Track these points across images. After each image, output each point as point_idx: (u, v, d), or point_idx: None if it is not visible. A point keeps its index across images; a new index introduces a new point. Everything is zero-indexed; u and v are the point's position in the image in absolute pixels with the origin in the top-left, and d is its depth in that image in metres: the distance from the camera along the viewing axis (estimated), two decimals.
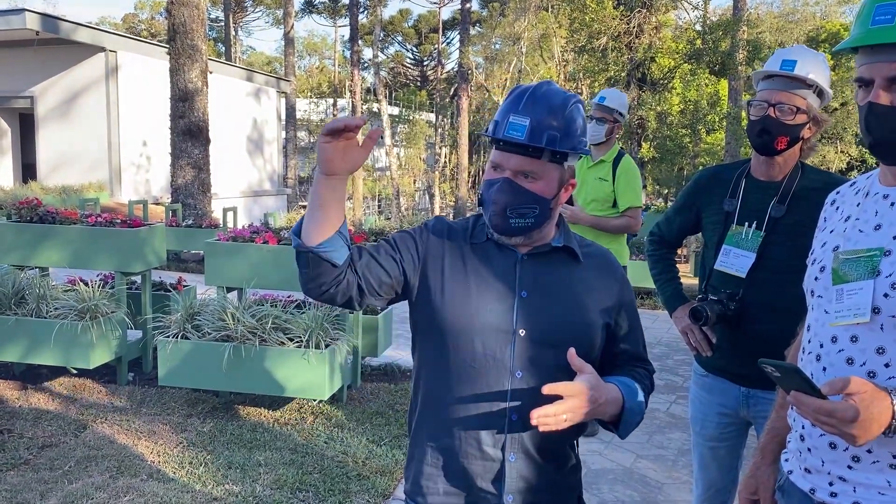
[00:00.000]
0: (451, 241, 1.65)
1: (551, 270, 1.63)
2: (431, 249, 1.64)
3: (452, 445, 1.60)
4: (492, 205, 1.57)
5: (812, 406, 1.27)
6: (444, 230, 1.67)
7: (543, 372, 1.56)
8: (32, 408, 4.70)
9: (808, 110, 2.28)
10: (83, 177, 16.48)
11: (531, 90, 1.59)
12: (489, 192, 1.58)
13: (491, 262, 1.62)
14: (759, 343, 2.28)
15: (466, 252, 1.63)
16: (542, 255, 1.64)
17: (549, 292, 1.60)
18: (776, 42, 22.04)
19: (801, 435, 1.49)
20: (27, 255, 5.26)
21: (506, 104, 1.59)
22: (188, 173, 11.91)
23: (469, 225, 1.69)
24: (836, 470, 1.42)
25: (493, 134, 1.57)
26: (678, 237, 2.76)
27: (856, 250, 1.42)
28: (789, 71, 2.24)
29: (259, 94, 23.36)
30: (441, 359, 1.60)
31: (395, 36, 49.61)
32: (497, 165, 1.58)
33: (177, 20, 11.48)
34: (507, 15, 27.86)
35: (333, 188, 1.47)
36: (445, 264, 1.62)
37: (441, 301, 1.59)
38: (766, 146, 2.31)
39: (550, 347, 1.57)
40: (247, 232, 5.02)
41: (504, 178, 1.56)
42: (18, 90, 17.24)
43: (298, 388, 4.40)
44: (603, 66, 14.82)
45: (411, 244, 1.63)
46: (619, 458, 4.28)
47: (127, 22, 48.68)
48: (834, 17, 27.79)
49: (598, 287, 1.66)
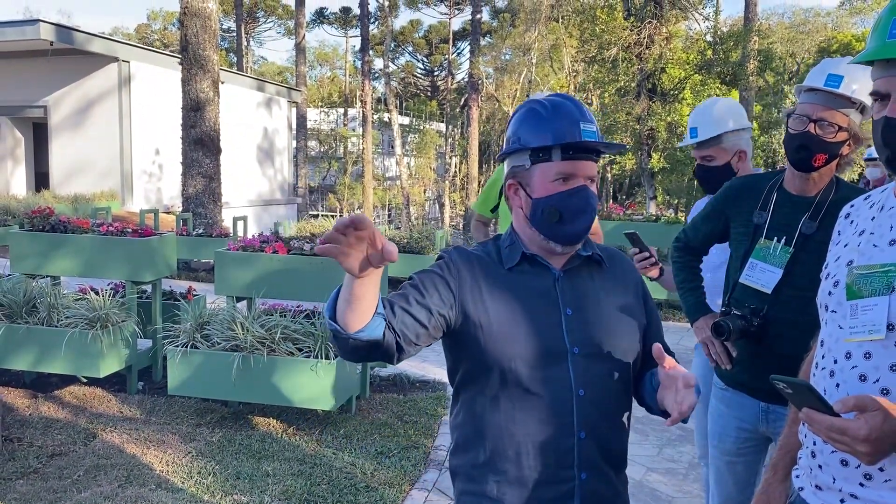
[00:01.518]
0: (482, 270, 1.61)
1: (586, 282, 1.64)
2: (466, 284, 1.59)
3: (522, 476, 1.56)
4: (580, 215, 1.57)
5: (824, 423, 1.25)
6: (471, 260, 1.62)
7: (601, 386, 1.58)
8: (42, 416, 4.71)
9: (849, 128, 2.19)
10: (95, 185, 16.60)
11: (572, 99, 1.63)
12: (573, 202, 1.56)
13: (530, 283, 1.60)
14: (781, 360, 2.23)
15: (503, 279, 1.60)
16: (575, 269, 1.64)
17: (590, 305, 1.62)
18: (787, 53, 22.00)
19: (813, 451, 1.47)
20: (39, 264, 5.29)
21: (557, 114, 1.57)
22: (199, 183, 11.97)
23: (493, 250, 1.66)
24: (848, 487, 1.40)
25: (562, 140, 1.55)
26: (704, 245, 2.67)
27: (870, 265, 1.40)
28: (835, 88, 2.16)
29: (270, 104, 23.48)
30: (498, 390, 1.56)
31: (406, 46, 49.82)
32: (569, 175, 1.57)
33: (189, 31, 11.56)
34: (518, 26, 27.93)
35: (366, 284, 1.35)
36: (485, 296, 1.58)
37: (490, 334, 1.55)
38: (804, 162, 2.23)
39: (604, 360, 1.59)
40: (257, 241, 5.02)
41: (584, 185, 1.58)
42: (32, 100, 17.41)
43: (307, 398, 4.40)
44: (613, 77, 14.82)
45: (442, 285, 1.57)
46: (629, 472, 4.24)
47: (140, 32, 49.12)
48: (845, 27, 27.72)
49: (626, 288, 1.69)
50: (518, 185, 1.63)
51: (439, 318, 1.54)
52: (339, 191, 37.00)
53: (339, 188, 37.29)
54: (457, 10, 44.29)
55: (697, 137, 2.93)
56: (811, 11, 29.18)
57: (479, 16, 30.13)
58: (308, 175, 33.36)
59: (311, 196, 35.21)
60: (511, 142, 1.63)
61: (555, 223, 1.57)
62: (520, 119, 1.64)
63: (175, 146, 12.77)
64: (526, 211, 1.61)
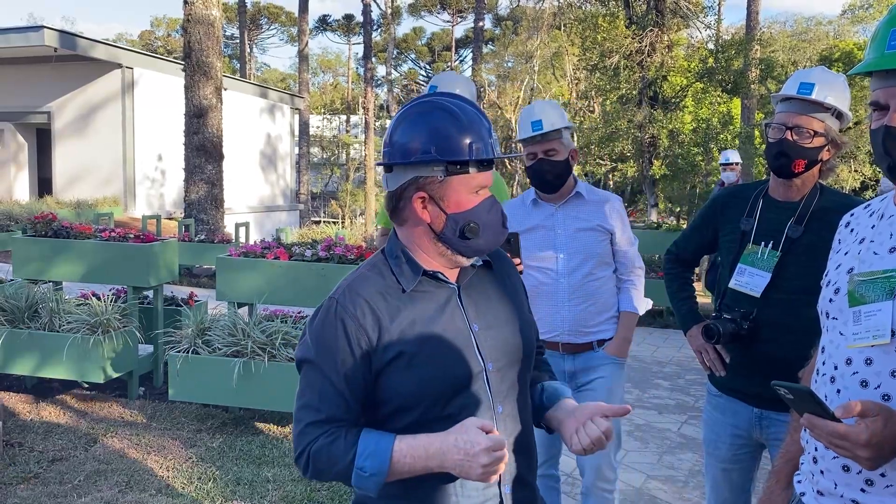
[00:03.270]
0: (381, 302, 1.48)
1: (483, 292, 1.59)
2: (367, 328, 1.45)
3: (450, 502, 1.49)
4: (497, 226, 1.53)
5: (825, 429, 1.26)
6: (360, 298, 1.48)
7: (514, 397, 1.56)
8: (43, 421, 4.72)
9: (826, 133, 2.26)
10: (98, 191, 16.65)
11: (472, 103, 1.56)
12: (492, 215, 1.51)
13: (433, 306, 1.51)
14: (773, 364, 2.26)
15: (406, 305, 1.49)
16: (471, 280, 1.58)
17: (493, 319, 1.57)
18: (789, 61, 22.04)
19: (814, 457, 1.48)
20: (42, 269, 5.30)
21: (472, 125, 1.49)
22: (201, 189, 11.99)
23: (384, 271, 1.53)
24: (849, 493, 1.40)
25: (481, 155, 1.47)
26: (695, 255, 2.76)
27: (872, 272, 1.42)
28: (807, 95, 2.23)
29: (273, 111, 23.55)
30: (419, 420, 1.47)
31: (409, 53, 49.95)
32: (482, 187, 1.51)
33: (192, 38, 11.60)
34: (520, 33, 28.01)
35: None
36: (393, 331, 1.46)
37: (408, 368, 1.45)
38: (784, 169, 2.30)
39: (513, 371, 1.56)
40: (258, 247, 5.04)
41: (493, 195, 1.54)
42: (36, 106, 17.47)
43: None
44: (615, 85, 14.84)
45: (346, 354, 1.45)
46: (628, 479, 4.25)
47: (143, 39, 49.32)
48: (847, 36, 27.76)
49: (515, 287, 1.68)
50: (428, 198, 1.48)
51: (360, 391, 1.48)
52: (341, 197, 37.06)
53: (341, 195, 37.35)
54: (459, 17, 44.45)
55: (542, 129, 2.82)
56: (813, 20, 29.22)
57: (481, 23, 30.21)
58: (310, 181, 33.42)
59: (313, 202, 35.25)
60: (420, 151, 1.45)
61: (472, 238, 1.49)
62: (423, 123, 1.48)
63: (178, 152, 12.81)
64: (437, 226, 1.49)
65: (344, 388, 1.45)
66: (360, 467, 1.38)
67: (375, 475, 1.38)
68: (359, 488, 1.41)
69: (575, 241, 2.92)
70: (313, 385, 1.47)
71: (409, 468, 1.39)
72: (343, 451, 1.41)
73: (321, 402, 1.46)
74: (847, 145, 2.40)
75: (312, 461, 1.44)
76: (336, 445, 1.42)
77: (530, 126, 2.86)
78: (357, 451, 1.39)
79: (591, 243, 2.93)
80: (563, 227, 2.94)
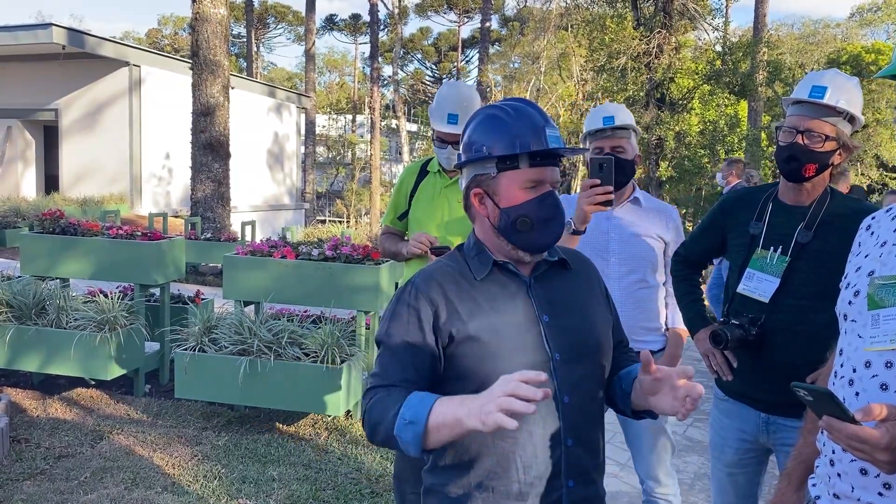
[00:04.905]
0: (453, 287, 1.57)
1: (556, 287, 1.64)
2: (441, 310, 1.54)
3: (510, 490, 1.53)
4: (550, 222, 1.57)
5: (844, 431, 1.26)
6: (437, 281, 1.58)
7: (584, 390, 1.58)
8: (50, 418, 4.73)
9: (837, 137, 2.23)
10: (104, 188, 16.68)
11: (532, 104, 1.61)
12: (543, 209, 1.56)
13: (505, 294, 1.58)
14: (781, 369, 2.25)
15: (478, 292, 1.57)
16: (544, 275, 1.64)
17: (563, 310, 1.62)
18: (796, 63, 21.97)
19: (831, 460, 1.48)
20: (49, 266, 5.32)
21: (520, 120, 1.56)
22: (208, 187, 12.01)
23: (459, 260, 1.63)
24: (866, 497, 1.40)
25: (527, 148, 1.53)
26: (703, 258, 2.72)
27: (892, 276, 1.41)
28: (819, 98, 2.20)
29: (280, 110, 23.58)
30: None
31: (415, 53, 49.97)
32: (537, 182, 1.56)
33: (200, 36, 11.62)
34: (527, 34, 27.97)
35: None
36: (462, 315, 1.54)
37: (473, 351, 1.52)
38: (794, 173, 2.27)
39: (583, 364, 1.59)
40: (265, 246, 5.04)
41: (552, 191, 1.58)
42: (44, 103, 17.52)
43: (313, 403, 4.41)
44: (622, 86, 14.84)
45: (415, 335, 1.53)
46: (634, 481, 4.24)
47: (151, 37, 49.43)
48: (855, 39, 27.67)
49: (591, 289, 1.71)
50: (484, 194, 1.59)
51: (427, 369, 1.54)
52: (346, 196, 37.08)
53: (346, 194, 37.38)
54: (466, 18, 44.43)
55: (614, 123, 2.83)
56: (821, 22, 29.11)
57: (488, 24, 30.19)
58: (316, 181, 33.45)
59: (318, 201, 35.27)
60: (474, 149, 1.59)
61: (525, 232, 1.56)
62: (481, 126, 1.60)
63: (184, 150, 12.82)
64: (493, 220, 1.59)
65: (409, 364, 1.53)
66: (402, 415, 1.41)
67: (413, 423, 1.38)
68: (400, 440, 1.41)
69: (629, 246, 2.87)
70: (383, 360, 1.56)
71: (442, 418, 1.36)
72: (393, 403, 1.45)
73: (387, 372, 1.54)
74: (858, 149, 2.37)
75: (368, 414, 1.50)
76: (390, 398, 1.47)
77: (601, 120, 2.83)
78: (403, 403, 1.43)
79: (644, 250, 2.87)
80: (618, 231, 2.88)
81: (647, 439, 2.89)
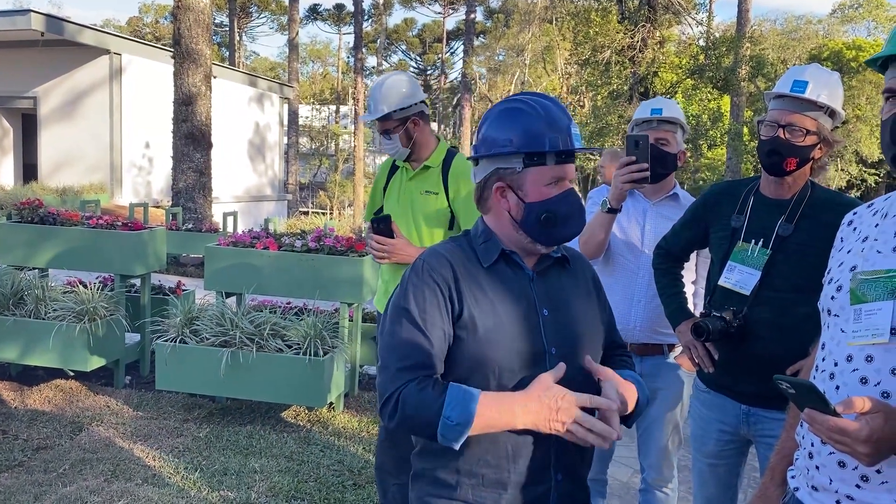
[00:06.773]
0: (462, 270, 1.60)
1: (557, 283, 1.68)
2: (451, 288, 1.57)
3: (500, 479, 1.56)
4: (573, 218, 1.62)
5: (825, 424, 1.27)
6: (447, 262, 1.61)
7: (576, 386, 1.58)
8: (28, 409, 4.68)
9: (818, 131, 2.26)
10: (84, 178, 16.47)
11: (554, 100, 1.65)
12: (567, 206, 1.60)
13: (508, 283, 1.61)
14: (761, 361, 2.27)
15: (483, 278, 1.60)
16: (546, 269, 1.68)
17: (562, 307, 1.65)
18: (779, 59, 22.13)
19: (811, 452, 1.49)
20: (27, 256, 5.25)
21: (551, 119, 1.59)
22: (189, 177, 11.91)
23: (466, 246, 1.66)
24: (844, 489, 1.41)
25: (557, 147, 1.57)
26: (684, 251, 2.73)
27: (875, 271, 1.43)
28: (800, 93, 2.22)
29: (262, 100, 23.40)
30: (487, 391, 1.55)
31: (400, 44, 49.78)
32: (560, 179, 1.61)
33: (182, 24, 11.50)
34: (512, 26, 27.96)
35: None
36: (468, 298, 1.57)
37: (475, 337, 1.55)
38: (776, 167, 2.29)
39: (577, 360, 1.61)
40: (247, 237, 5.00)
41: (572, 188, 1.63)
42: (22, 90, 17.26)
43: (295, 395, 4.39)
44: (606, 80, 14.88)
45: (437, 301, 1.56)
46: (615, 473, 4.27)
47: (132, 25, 48.83)
48: (836, 35, 27.93)
49: (587, 287, 1.74)
50: (507, 188, 1.61)
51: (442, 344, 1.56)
52: (329, 188, 36.95)
53: (329, 185, 37.24)
54: (451, 9, 44.31)
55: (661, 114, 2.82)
56: (803, 18, 29.34)
57: (473, 16, 30.14)
58: (299, 172, 33.29)
59: (301, 193, 35.11)
60: (500, 143, 1.59)
61: (548, 227, 1.59)
62: (502, 119, 1.62)
63: (165, 140, 12.70)
64: (516, 214, 1.61)
65: (430, 339, 1.54)
66: (448, 416, 1.45)
67: (461, 425, 1.44)
68: (443, 437, 1.47)
69: None
70: (403, 331, 1.56)
71: (491, 422, 1.47)
72: (433, 399, 1.47)
73: (411, 349, 1.54)
74: (840, 144, 2.40)
75: (401, 405, 1.50)
76: (426, 393, 1.48)
77: (649, 110, 2.85)
78: (445, 401, 1.46)
79: None
80: (653, 225, 2.89)
81: (658, 430, 2.93)
